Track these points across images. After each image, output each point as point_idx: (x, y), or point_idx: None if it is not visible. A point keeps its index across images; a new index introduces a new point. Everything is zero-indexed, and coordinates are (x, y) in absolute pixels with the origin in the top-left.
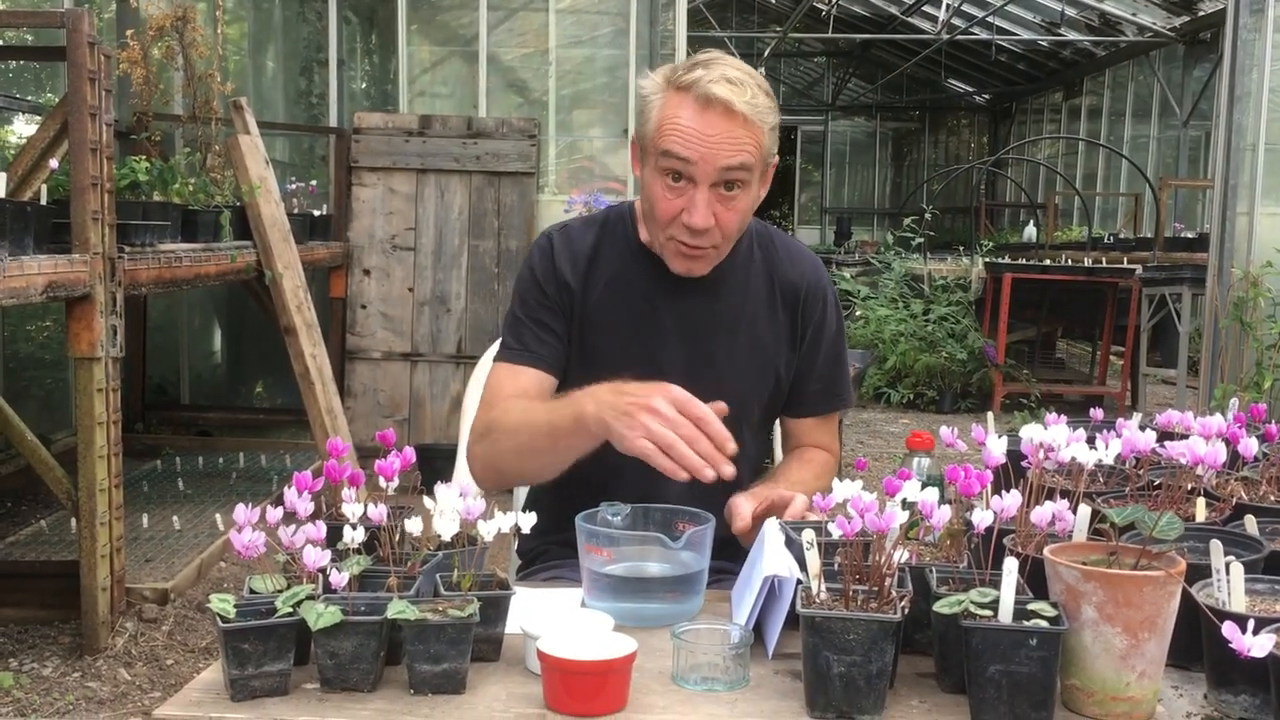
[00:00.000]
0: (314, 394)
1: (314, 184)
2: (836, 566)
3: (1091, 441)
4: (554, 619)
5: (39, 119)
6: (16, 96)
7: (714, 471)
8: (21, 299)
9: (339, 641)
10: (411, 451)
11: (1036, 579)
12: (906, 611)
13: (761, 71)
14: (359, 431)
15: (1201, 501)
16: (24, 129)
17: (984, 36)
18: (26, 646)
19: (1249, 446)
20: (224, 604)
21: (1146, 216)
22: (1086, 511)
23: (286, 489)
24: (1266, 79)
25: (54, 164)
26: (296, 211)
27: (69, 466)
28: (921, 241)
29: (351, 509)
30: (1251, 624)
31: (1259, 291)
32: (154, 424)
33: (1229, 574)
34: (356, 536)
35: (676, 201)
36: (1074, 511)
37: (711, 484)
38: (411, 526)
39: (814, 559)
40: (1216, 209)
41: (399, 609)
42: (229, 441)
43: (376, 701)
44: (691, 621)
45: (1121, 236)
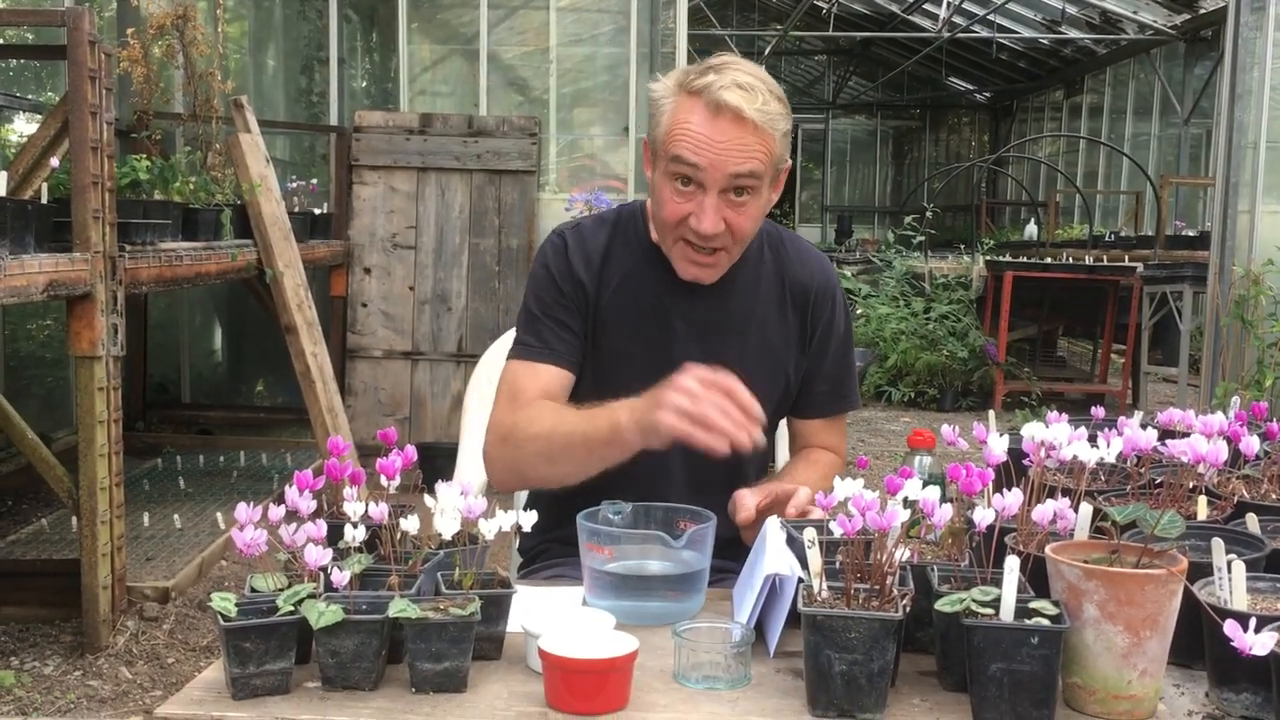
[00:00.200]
0: (315, 392)
1: (315, 182)
2: (838, 565)
3: (1093, 440)
4: (555, 617)
5: (40, 118)
6: (17, 95)
7: (748, 437)
8: (22, 298)
9: (340, 640)
10: (412, 450)
11: (1038, 577)
12: (908, 610)
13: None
14: (360, 430)
15: (1203, 500)
16: (25, 128)
17: (985, 34)
18: (28, 645)
19: (1250, 445)
20: (225, 602)
21: (1148, 214)
22: (1088, 510)
23: (288, 488)
24: (1268, 77)
25: (55, 163)
26: (297, 210)
27: (70, 465)
28: (922, 240)
29: (353, 507)
30: (1253, 622)
31: (1260, 289)
32: (155, 422)
33: (1230, 572)
34: (358, 535)
35: (685, 205)
36: (1075, 510)
37: (720, 485)
38: (411, 525)
39: (815, 557)
40: (1218, 207)
41: (400, 607)
42: (230, 440)
43: (378, 700)
44: (693, 620)
45: (1122, 234)
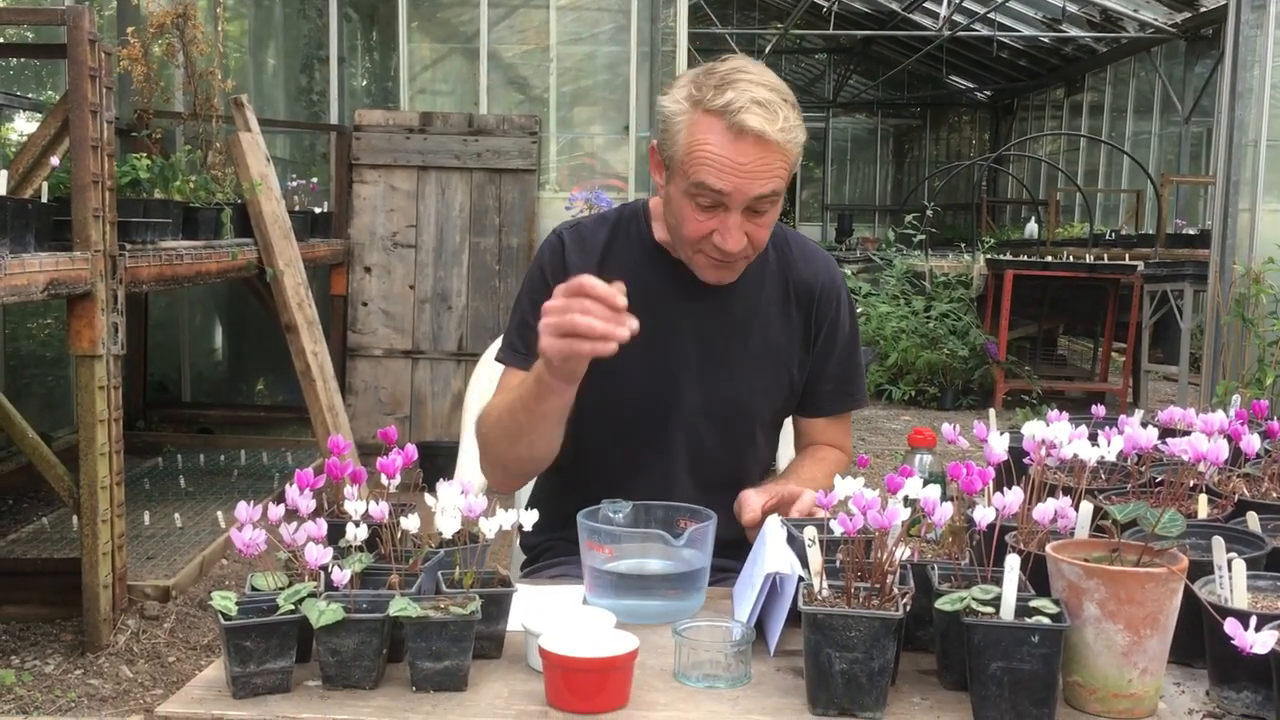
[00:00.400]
0: (315, 391)
1: (315, 181)
2: (838, 563)
3: (1093, 438)
4: (556, 616)
5: (40, 117)
6: (17, 94)
7: (625, 330)
8: (23, 296)
9: (341, 639)
10: (413, 449)
11: (1038, 576)
12: (908, 608)
13: None
14: (360, 429)
15: (1203, 498)
16: (25, 127)
17: (985, 33)
18: (28, 644)
19: (1251, 443)
20: (226, 601)
21: (1148, 213)
22: (1088, 508)
23: (288, 486)
24: (1268, 75)
25: (55, 161)
26: (297, 209)
27: (70, 464)
28: (923, 238)
29: (353, 506)
30: (1253, 621)
31: (1261, 288)
32: (155, 421)
33: (1231, 571)
34: (358, 534)
35: (707, 224)
36: (1076, 508)
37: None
38: (412, 524)
39: (816, 556)
40: (1218, 205)
41: (401, 606)
42: (230, 439)
43: (378, 699)
44: (693, 619)
45: (1123, 233)
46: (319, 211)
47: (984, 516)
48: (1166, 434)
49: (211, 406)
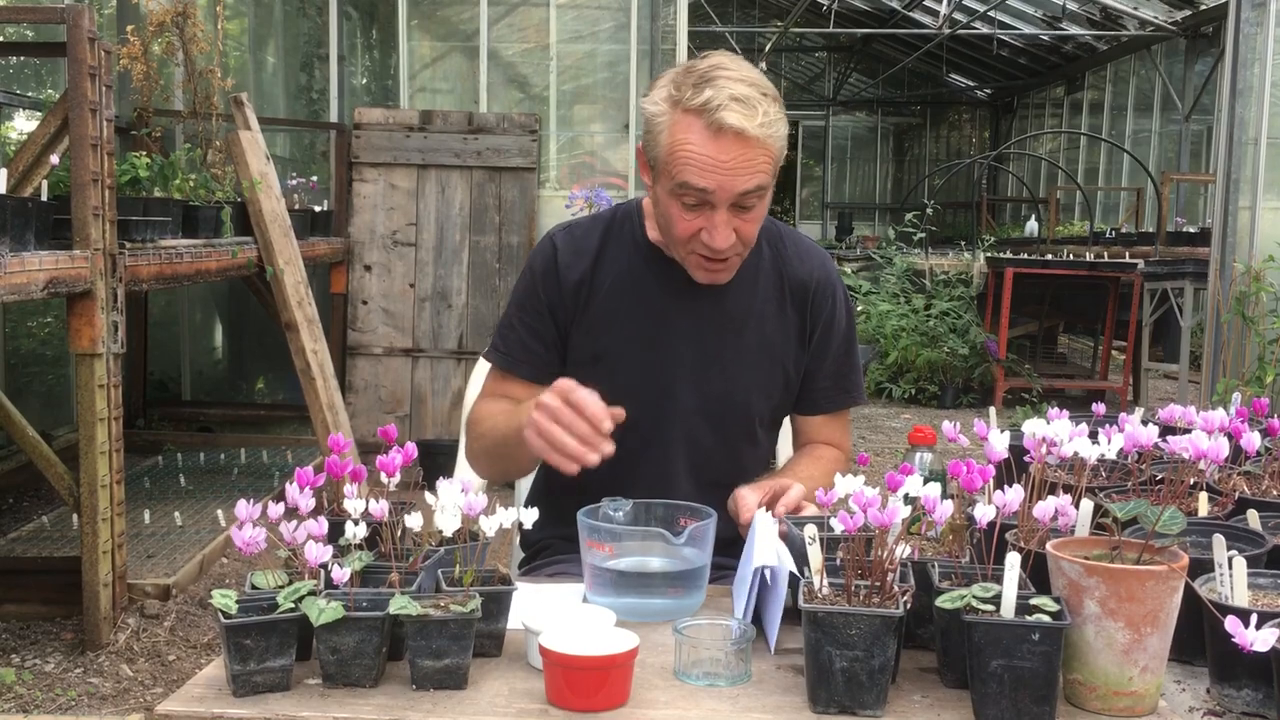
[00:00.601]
0: (315, 390)
1: (315, 180)
2: (839, 561)
3: (1094, 436)
4: (556, 614)
5: (39, 115)
6: (17, 93)
7: (596, 455)
8: (23, 295)
9: (341, 637)
10: (413, 447)
11: (1039, 574)
12: (909, 606)
13: (762, 67)
14: (360, 427)
15: (1204, 496)
16: (25, 125)
17: (985, 31)
18: (28, 643)
19: (1251, 441)
20: (226, 600)
21: (1148, 211)
22: (1089, 506)
23: (288, 485)
24: (1269, 73)
25: (55, 160)
26: (297, 207)
27: (70, 462)
28: (923, 236)
29: (353, 505)
30: (1254, 619)
31: (1261, 286)
32: (155, 420)
33: (1231, 569)
34: (358, 532)
35: (695, 223)
36: (1076, 506)
37: (724, 482)
38: (412, 522)
39: (816, 554)
40: (1218, 203)
41: (401, 604)
42: (230, 437)
43: (378, 697)
44: (693, 617)
45: (1123, 231)
46: (319, 210)
47: (984, 514)
48: (1167, 432)
49: (211, 405)
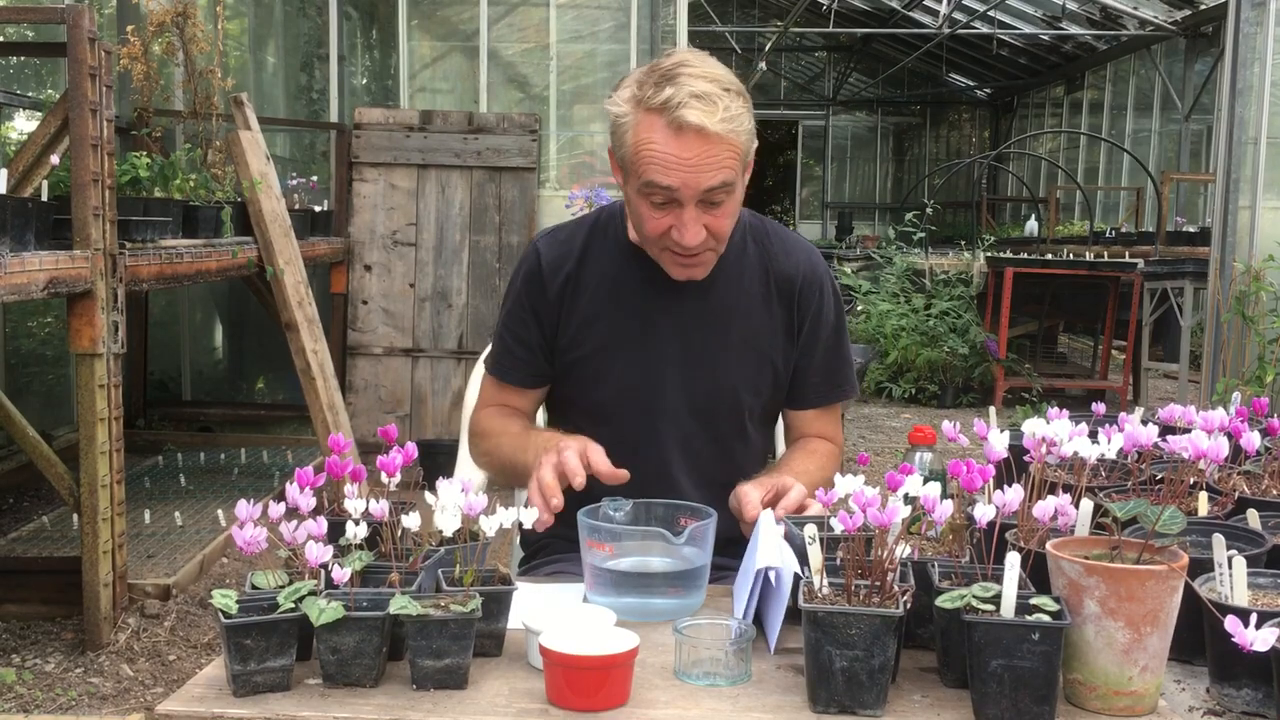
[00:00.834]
0: (315, 390)
1: (315, 180)
2: (839, 561)
3: (1094, 436)
4: (556, 614)
5: (40, 115)
6: (17, 93)
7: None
8: (23, 295)
9: (341, 637)
10: (413, 447)
11: (1039, 574)
12: (909, 606)
13: (762, 68)
14: (360, 427)
15: (1204, 496)
16: (25, 125)
17: (985, 30)
18: (29, 642)
19: (1251, 441)
20: (226, 600)
21: (1148, 211)
22: (1089, 506)
23: (288, 485)
24: (1268, 73)
25: (55, 160)
26: (297, 207)
27: (71, 462)
28: (923, 236)
29: (353, 504)
30: (1254, 618)
31: (1261, 285)
32: (156, 420)
33: (1231, 568)
34: (358, 532)
35: (664, 220)
36: (1076, 506)
37: (720, 481)
38: (412, 522)
39: (816, 554)
40: (1218, 203)
41: (401, 604)
42: (231, 437)
43: (379, 697)
44: (694, 617)
45: (1123, 231)
46: (319, 210)
47: (984, 514)
48: (1167, 431)
49: (212, 405)
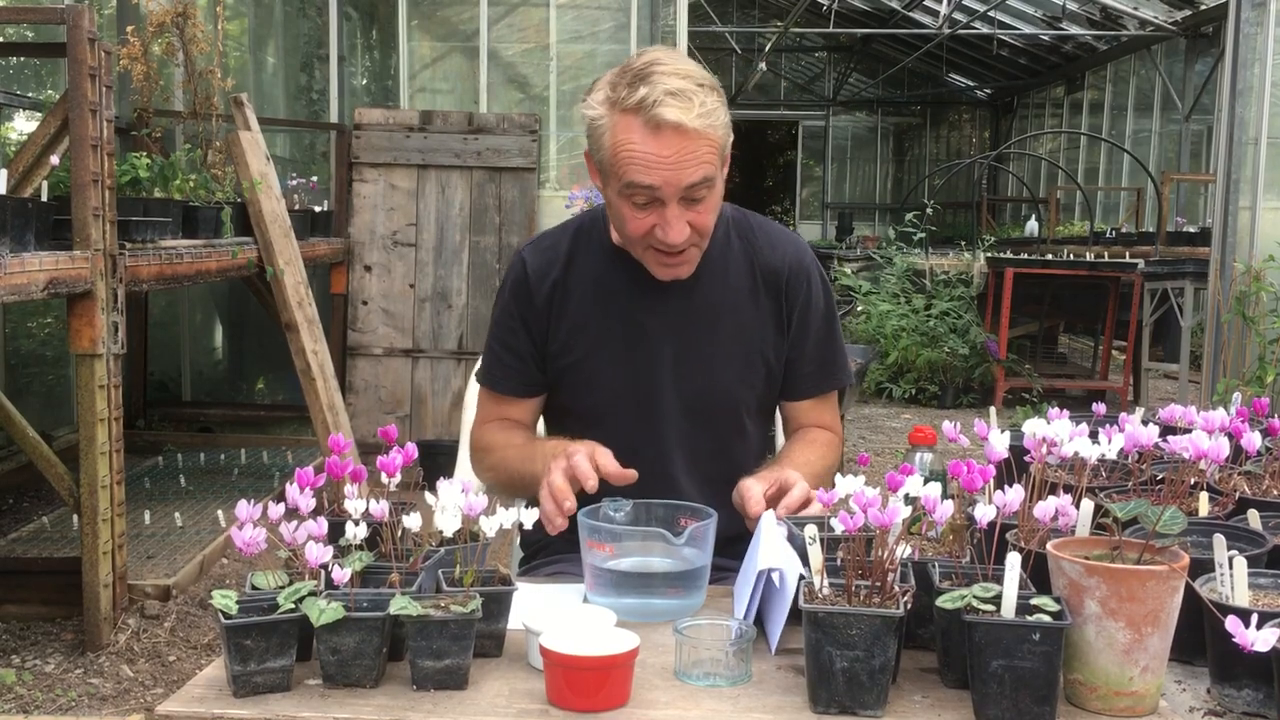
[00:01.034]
0: (315, 390)
1: (315, 180)
2: (839, 562)
3: (1094, 436)
4: (556, 615)
5: (40, 116)
6: (17, 93)
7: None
8: (23, 295)
9: (341, 637)
10: (413, 447)
11: (1039, 574)
12: (909, 607)
13: (762, 68)
14: (361, 427)
15: (1204, 496)
16: (25, 126)
17: (985, 31)
18: (29, 643)
19: (1252, 441)
20: (226, 600)
21: (1148, 211)
22: (1089, 506)
23: (288, 485)
24: (1269, 73)
25: (55, 160)
26: (297, 208)
27: (71, 463)
28: (923, 236)
29: (353, 505)
30: (1255, 619)
31: (1261, 286)
32: (155, 420)
33: (1232, 569)
34: (359, 533)
35: (647, 220)
36: (1077, 506)
37: (720, 478)
38: (412, 522)
39: (816, 554)
40: (1219, 203)
41: (401, 605)
42: (231, 438)
43: (379, 697)
44: (694, 617)
45: (1123, 231)
46: (319, 210)
47: (985, 514)
48: (1167, 432)
49: (212, 405)
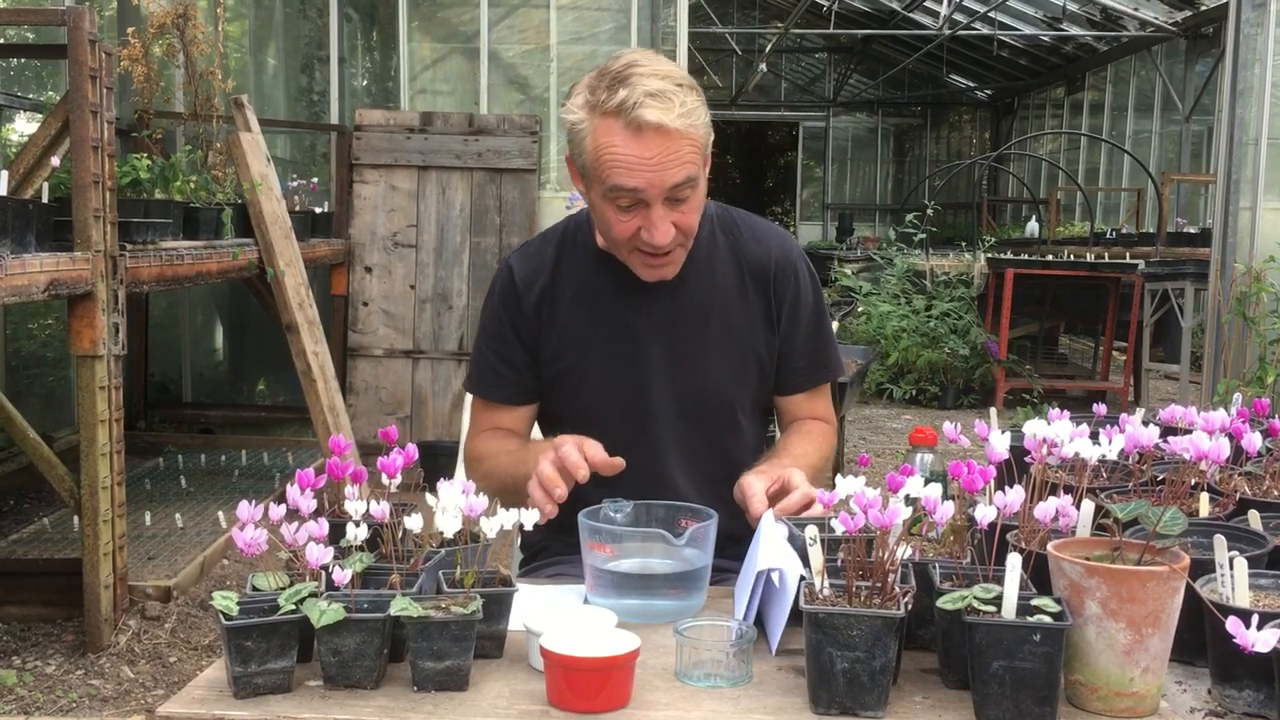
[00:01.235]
0: (316, 391)
1: (315, 181)
2: (840, 562)
3: (1095, 437)
4: (557, 616)
5: (40, 117)
6: (18, 95)
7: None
8: (24, 297)
9: (342, 639)
10: (414, 448)
11: (1040, 575)
12: (910, 607)
13: (762, 69)
14: (361, 429)
15: (1205, 497)
16: (25, 127)
17: (985, 32)
18: (29, 644)
19: (1252, 441)
20: (227, 601)
21: (1149, 212)
22: (1090, 507)
23: (289, 486)
24: (1269, 74)
25: (55, 162)
26: (298, 209)
27: (71, 464)
28: (923, 237)
29: (354, 506)
30: (1255, 619)
31: (1262, 286)
32: (156, 422)
33: (1233, 569)
34: (359, 534)
35: (632, 222)
36: (1077, 507)
37: (717, 476)
38: (413, 523)
39: (817, 555)
40: (1219, 204)
41: (402, 606)
42: (231, 439)
43: (379, 699)
44: (694, 618)
45: (1124, 232)
46: (319, 211)
47: (985, 515)
48: (1168, 432)
49: (212, 406)
